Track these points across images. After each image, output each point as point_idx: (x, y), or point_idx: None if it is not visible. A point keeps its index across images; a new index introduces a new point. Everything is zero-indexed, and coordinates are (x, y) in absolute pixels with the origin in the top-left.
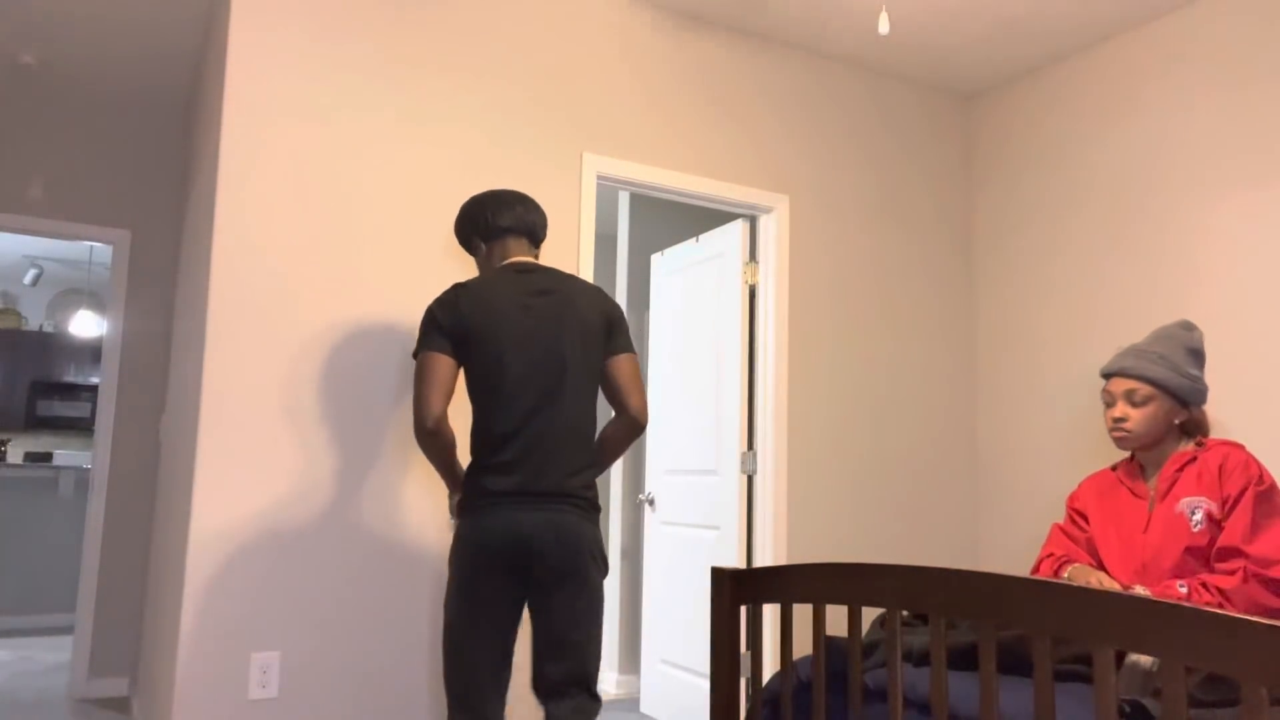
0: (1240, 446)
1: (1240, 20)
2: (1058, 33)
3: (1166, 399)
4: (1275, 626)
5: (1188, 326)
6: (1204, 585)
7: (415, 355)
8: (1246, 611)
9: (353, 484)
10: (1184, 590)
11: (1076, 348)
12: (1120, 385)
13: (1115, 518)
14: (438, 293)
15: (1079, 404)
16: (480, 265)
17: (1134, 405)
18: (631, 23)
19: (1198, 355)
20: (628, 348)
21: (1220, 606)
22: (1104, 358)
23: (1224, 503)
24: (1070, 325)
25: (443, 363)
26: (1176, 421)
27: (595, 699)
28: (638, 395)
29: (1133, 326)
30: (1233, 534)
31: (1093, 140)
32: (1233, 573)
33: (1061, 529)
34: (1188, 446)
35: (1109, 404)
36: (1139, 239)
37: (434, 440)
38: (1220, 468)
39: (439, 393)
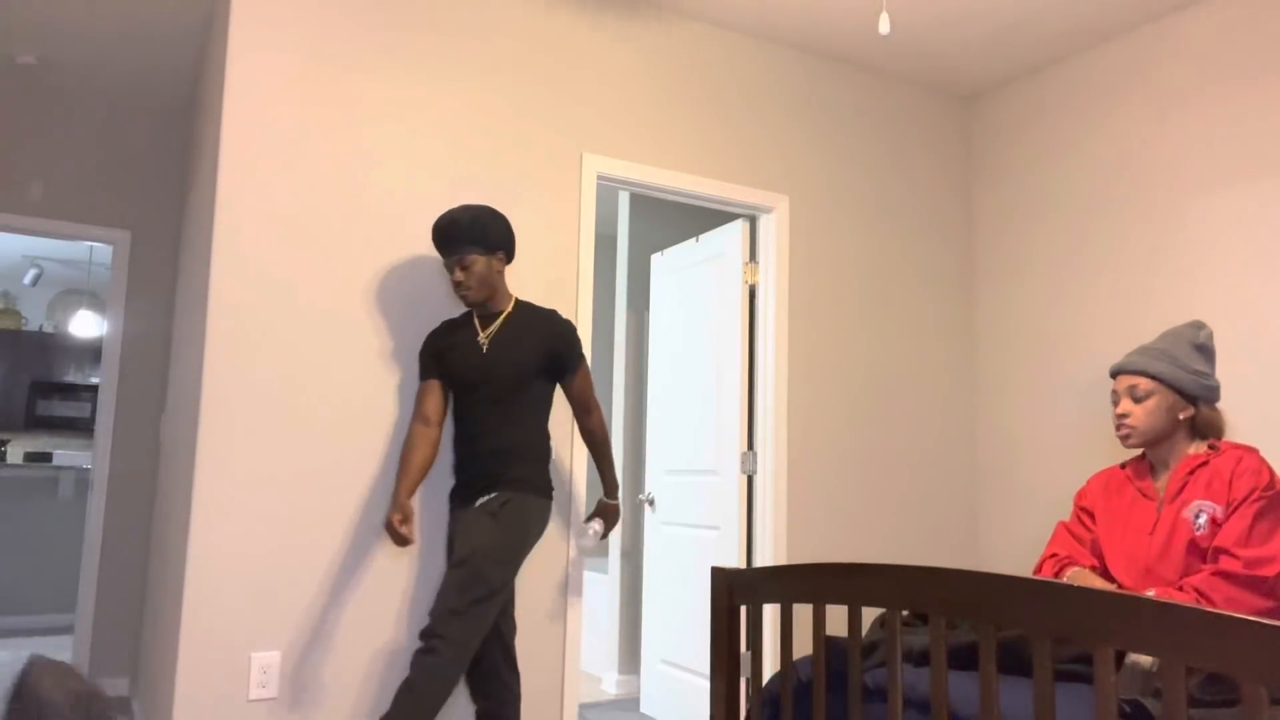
0: (1254, 451)
1: (1237, 21)
2: (1057, 34)
3: (1169, 393)
4: (1275, 626)
5: (1197, 325)
6: (1180, 588)
7: (584, 364)
8: (1223, 607)
9: (353, 483)
10: (1151, 595)
11: (1077, 347)
12: (1124, 382)
13: (1122, 517)
14: (436, 295)
15: (1080, 403)
16: (491, 275)
17: (1136, 401)
18: (631, 23)
19: (1204, 351)
20: None
21: (1197, 604)
22: (1105, 356)
23: (1228, 506)
24: (1070, 324)
25: None
26: (1182, 416)
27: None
28: None
29: (1133, 325)
30: (1227, 536)
31: (1092, 140)
32: (1212, 573)
33: (1067, 528)
34: (1200, 449)
35: (1115, 402)
36: (1138, 238)
37: None
38: (1232, 473)
39: None
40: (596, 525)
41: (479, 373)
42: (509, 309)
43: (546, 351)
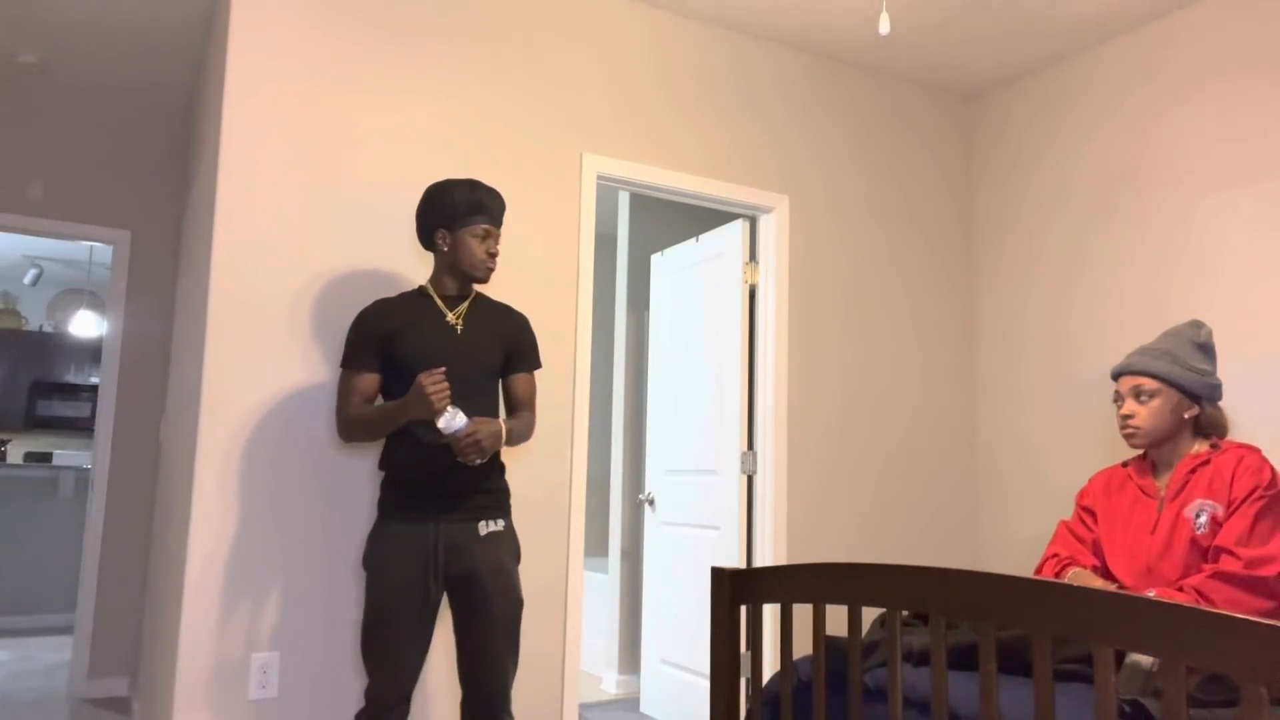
0: (1256, 450)
1: (1238, 20)
2: (1057, 33)
3: (1173, 393)
4: (1275, 626)
5: (1196, 324)
6: (1180, 588)
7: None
8: (1223, 608)
9: (353, 484)
10: (1151, 595)
11: (1076, 347)
12: (1127, 383)
13: (1123, 516)
14: None
15: (1079, 403)
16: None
17: (1141, 401)
18: (631, 22)
19: (1205, 350)
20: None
21: (1197, 604)
22: (1104, 356)
23: (1229, 505)
24: (1070, 324)
25: None
26: (1187, 416)
27: None
28: None
29: (1133, 324)
30: (1228, 536)
31: (1092, 139)
32: (1212, 574)
33: (1068, 527)
34: (1202, 448)
35: (1118, 403)
36: (1138, 236)
37: None
38: (1233, 472)
39: None
40: (463, 419)
41: (456, 356)
42: (474, 294)
43: (515, 341)
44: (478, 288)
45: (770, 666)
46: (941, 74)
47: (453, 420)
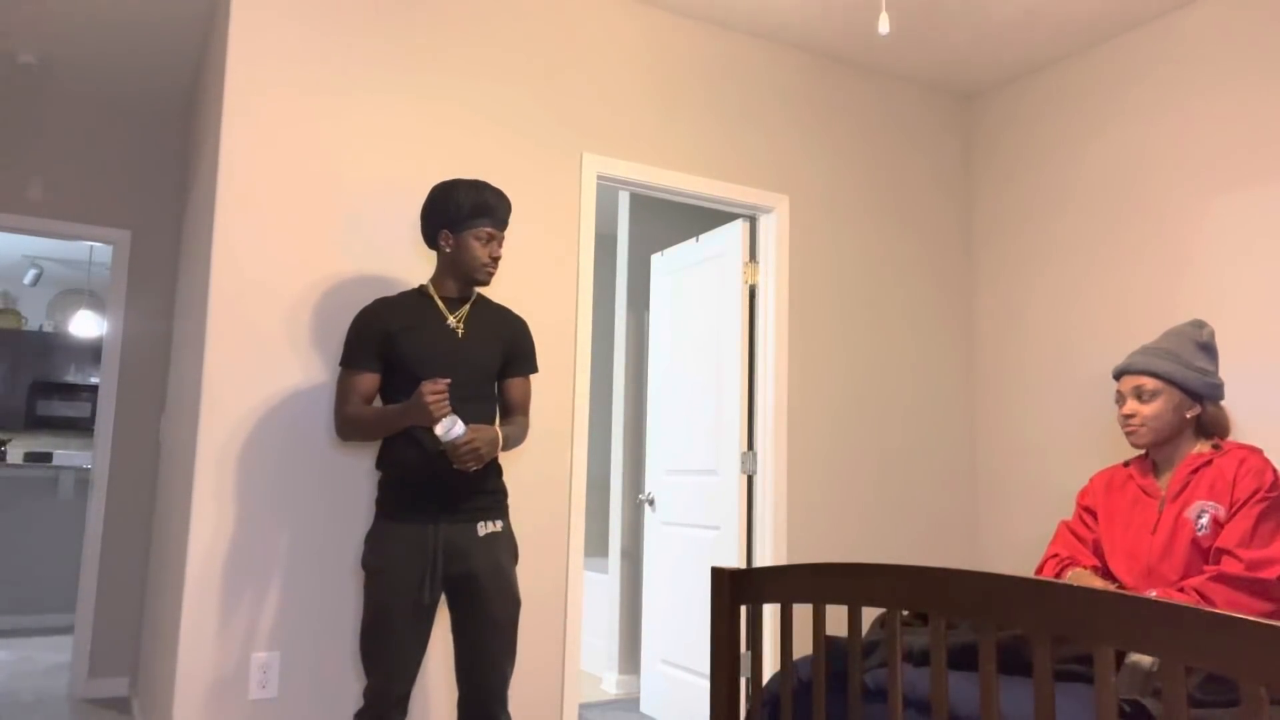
0: (1258, 452)
1: (1238, 20)
2: (1057, 33)
3: (1175, 393)
4: (1275, 627)
5: (1198, 324)
6: (1181, 589)
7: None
8: (1224, 609)
9: (352, 484)
10: (1152, 595)
11: (1077, 346)
12: (1129, 383)
13: (1124, 516)
14: None
15: (1079, 402)
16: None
17: (1143, 401)
18: (631, 22)
19: (1208, 350)
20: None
21: (1198, 605)
22: (1106, 355)
23: (1231, 507)
24: (1070, 324)
25: None
26: (1189, 416)
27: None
28: None
29: (1133, 324)
30: (1229, 538)
31: (1092, 139)
32: (1213, 576)
33: (1069, 527)
34: (1204, 448)
35: (1120, 403)
36: (1138, 237)
37: None
38: (1235, 473)
39: None
40: (461, 427)
41: (456, 359)
42: (475, 296)
43: (513, 344)
44: (479, 290)
45: (770, 666)
46: (941, 73)
47: (451, 428)
